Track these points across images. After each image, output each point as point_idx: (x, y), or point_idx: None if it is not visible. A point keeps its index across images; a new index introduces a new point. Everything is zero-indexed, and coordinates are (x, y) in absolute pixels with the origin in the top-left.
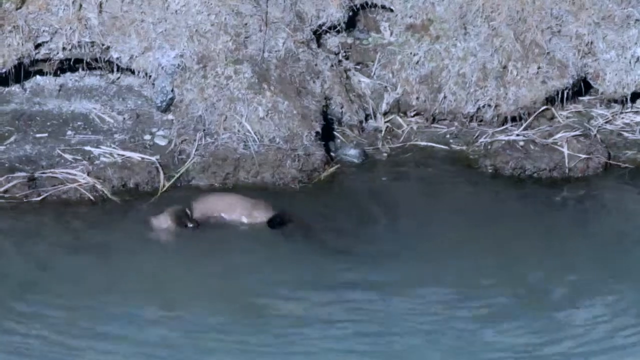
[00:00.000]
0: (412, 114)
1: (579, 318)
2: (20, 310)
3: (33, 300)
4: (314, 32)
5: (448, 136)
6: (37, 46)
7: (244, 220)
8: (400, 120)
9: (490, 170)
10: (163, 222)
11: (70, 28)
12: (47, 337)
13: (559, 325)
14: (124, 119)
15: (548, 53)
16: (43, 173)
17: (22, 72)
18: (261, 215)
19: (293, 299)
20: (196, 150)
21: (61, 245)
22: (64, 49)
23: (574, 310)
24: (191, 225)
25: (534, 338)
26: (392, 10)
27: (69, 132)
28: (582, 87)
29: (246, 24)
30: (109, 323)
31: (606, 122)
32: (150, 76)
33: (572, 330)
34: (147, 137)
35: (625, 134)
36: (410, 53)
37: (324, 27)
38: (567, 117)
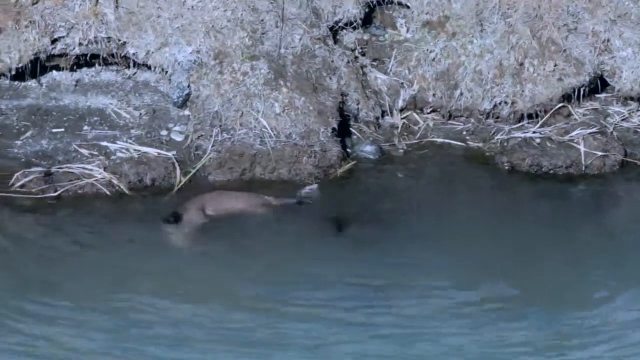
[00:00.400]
0: (428, 110)
1: (603, 319)
2: (32, 308)
3: (45, 299)
4: (330, 28)
5: (464, 133)
6: (54, 41)
7: (260, 201)
8: (416, 116)
9: (506, 167)
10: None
11: (87, 23)
12: (56, 339)
13: (586, 327)
14: (141, 114)
15: (564, 50)
16: (59, 168)
17: (38, 67)
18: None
19: (309, 298)
20: (212, 145)
21: (76, 242)
22: (80, 44)
23: (598, 311)
24: (173, 221)
25: (561, 340)
26: (408, 7)
27: (86, 127)
28: (598, 84)
29: (262, 20)
30: (121, 324)
31: (622, 120)
32: (166, 72)
33: (599, 331)
34: (164, 132)
35: None
36: (427, 50)
37: (340, 24)
38: (584, 115)
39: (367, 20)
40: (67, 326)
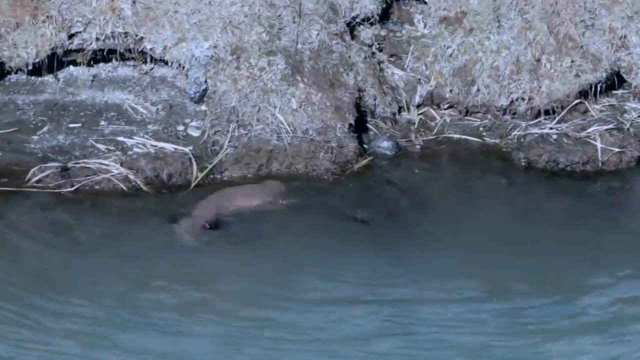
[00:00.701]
0: (445, 106)
1: (629, 320)
2: (45, 306)
3: (54, 300)
4: (348, 24)
5: (481, 129)
6: (71, 36)
7: (272, 195)
8: (433, 112)
9: (523, 164)
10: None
11: (104, 18)
12: (68, 337)
13: (612, 328)
14: (157, 109)
15: (581, 47)
16: (76, 163)
17: (55, 62)
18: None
19: (325, 299)
20: (229, 141)
21: (92, 238)
22: (97, 39)
23: (625, 313)
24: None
25: (590, 344)
26: (425, 3)
27: (102, 123)
28: (615, 80)
29: (280, 16)
30: (134, 322)
31: (639, 116)
32: (183, 67)
33: (626, 333)
34: (180, 128)
35: None
36: (444, 45)
37: (357, 19)
38: (601, 111)
39: (384, 16)
40: (77, 325)
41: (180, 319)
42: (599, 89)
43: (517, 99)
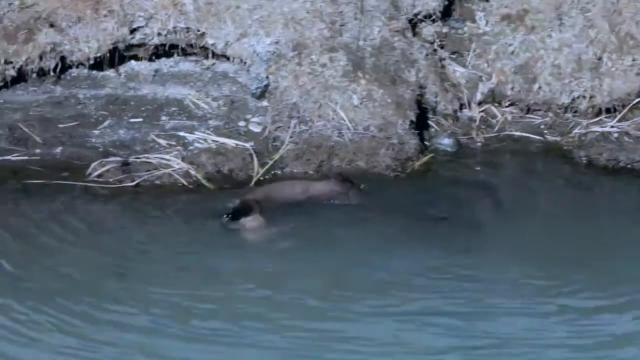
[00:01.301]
0: (506, 104)
1: None
2: (90, 313)
3: (108, 303)
4: (410, 21)
5: (542, 127)
6: (132, 31)
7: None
8: (494, 110)
9: (584, 162)
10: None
11: (166, 13)
12: (106, 351)
13: None
14: (219, 105)
15: None
16: (137, 158)
17: (116, 56)
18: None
19: (383, 293)
20: (290, 137)
21: (152, 236)
22: (159, 34)
23: None
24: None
25: None
26: (487, 0)
27: (164, 118)
28: None
29: (341, 12)
30: (184, 341)
31: None
32: (245, 63)
33: None
34: (242, 123)
35: None
36: (506, 43)
37: (419, 16)
38: None
39: (446, 13)
40: (127, 330)
41: (239, 328)
42: None
43: (578, 97)
